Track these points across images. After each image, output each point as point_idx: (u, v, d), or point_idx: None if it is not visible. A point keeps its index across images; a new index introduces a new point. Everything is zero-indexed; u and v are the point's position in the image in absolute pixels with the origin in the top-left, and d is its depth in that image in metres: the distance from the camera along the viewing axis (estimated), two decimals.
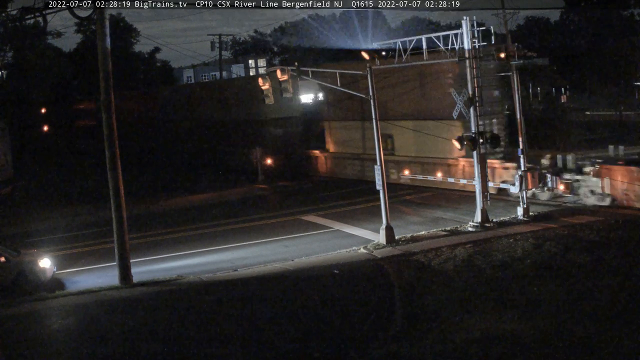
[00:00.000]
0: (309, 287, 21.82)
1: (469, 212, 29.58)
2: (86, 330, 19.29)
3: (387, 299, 20.33)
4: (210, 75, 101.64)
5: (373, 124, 27.11)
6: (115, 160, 23.59)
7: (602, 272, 20.66)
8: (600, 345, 15.51)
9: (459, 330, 17.18)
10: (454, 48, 27.47)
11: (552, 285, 19.90)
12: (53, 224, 35.46)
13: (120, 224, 23.70)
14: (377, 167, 26.99)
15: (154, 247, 29.11)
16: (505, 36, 50.15)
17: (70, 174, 56.70)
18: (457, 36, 27.41)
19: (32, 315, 20.72)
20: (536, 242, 24.57)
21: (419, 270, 22.86)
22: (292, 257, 25.58)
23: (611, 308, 17.73)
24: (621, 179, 28.95)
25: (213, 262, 26.00)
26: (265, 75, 29.13)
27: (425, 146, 38.02)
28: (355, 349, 16.73)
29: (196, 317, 19.67)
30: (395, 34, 76.88)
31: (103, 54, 23.37)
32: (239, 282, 22.87)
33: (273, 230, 30.57)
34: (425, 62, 29.91)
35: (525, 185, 28.90)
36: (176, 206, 39.09)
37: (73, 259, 27.71)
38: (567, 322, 17.04)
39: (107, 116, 23.55)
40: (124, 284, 23.33)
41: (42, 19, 24.12)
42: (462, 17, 27.81)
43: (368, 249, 25.97)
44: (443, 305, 19.16)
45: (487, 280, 21.03)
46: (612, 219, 26.92)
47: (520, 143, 29.56)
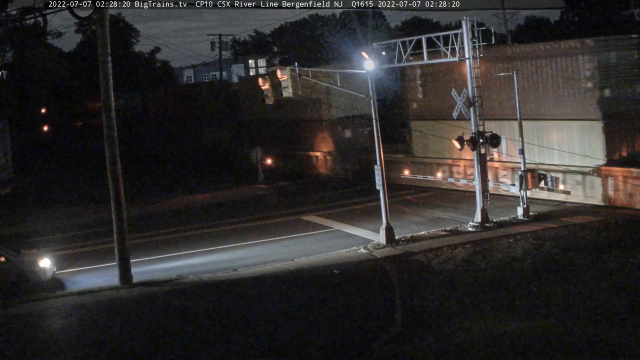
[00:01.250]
0: (309, 287, 21.82)
1: (469, 212, 29.58)
2: (86, 330, 19.29)
3: (387, 299, 20.33)
4: (210, 75, 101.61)
5: (373, 124, 27.13)
6: (115, 160, 23.60)
7: (602, 272, 20.65)
8: (600, 345, 15.51)
9: (459, 330, 17.18)
10: (454, 48, 27.48)
11: (552, 285, 19.89)
12: (53, 224, 35.48)
13: (120, 223, 23.70)
14: (377, 167, 27.00)
15: (154, 247, 29.11)
16: (505, 36, 50.22)
17: (70, 174, 56.71)
18: (457, 36, 27.41)
19: (32, 315, 20.73)
20: (536, 242, 24.57)
21: (419, 270, 22.86)
22: (292, 257, 25.58)
23: (611, 308, 17.72)
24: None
25: (213, 262, 26.00)
26: (265, 75, 29.14)
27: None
28: (355, 349, 16.73)
29: (196, 317, 19.68)
30: (395, 33, 76.97)
31: (103, 54, 23.38)
32: (239, 282, 22.87)
33: (273, 230, 30.57)
34: (425, 63, 29.93)
35: (525, 185, 28.89)
36: (176, 206, 39.08)
37: (73, 259, 27.71)
38: (567, 322, 17.03)
39: (107, 116, 23.56)
40: (124, 284, 23.34)
41: (42, 19, 24.21)
42: (462, 17, 27.83)
43: (368, 249, 25.97)
44: (443, 305, 19.16)
45: (487, 280, 21.03)
46: (612, 219, 26.91)
47: (521, 143, 29.55)
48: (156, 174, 53.93)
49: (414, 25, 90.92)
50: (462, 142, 27.81)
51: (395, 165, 38.86)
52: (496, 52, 32.62)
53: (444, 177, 36.22)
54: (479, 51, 27.56)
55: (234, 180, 47.23)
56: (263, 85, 28.85)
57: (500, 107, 32.75)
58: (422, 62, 29.59)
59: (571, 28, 79.68)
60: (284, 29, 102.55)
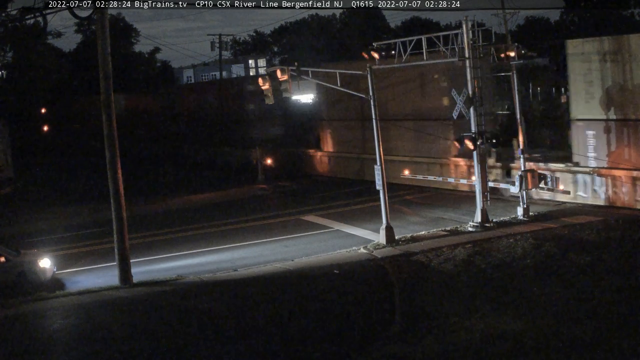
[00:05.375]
0: (309, 287, 21.82)
1: (469, 212, 29.58)
2: (86, 330, 19.27)
3: (387, 299, 20.33)
4: (210, 75, 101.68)
5: (373, 124, 27.15)
6: (115, 160, 23.59)
7: (602, 272, 20.65)
8: (600, 345, 15.51)
9: (459, 330, 17.18)
10: (454, 48, 27.48)
11: (552, 285, 19.89)
12: (53, 224, 35.45)
13: (120, 223, 23.70)
14: (377, 167, 27.01)
15: (154, 247, 29.11)
16: (505, 36, 50.18)
17: (70, 174, 56.69)
18: (457, 36, 27.41)
19: (32, 315, 20.72)
20: (536, 242, 24.56)
21: (419, 270, 22.86)
22: (292, 257, 25.58)
23: (611, 308, 17.72)
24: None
25: (213, 262, 26.00)
26: (265, 75, 29.12)
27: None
28: (355, 349, 16.74)
29: (196, 317, 19.67)
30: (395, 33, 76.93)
31: (103, 54, 23.38)
32: (239, 282, 22.87)
33: (273, 230, 30.57)
34: (425, 63, 29.92)
35: (525, 185, 28.89)
36: (176, 206, 39.08)
37: (73, 259, 27.71)
38: (567, 322, 17.03)
39: (107, 116, 23.56)
40: (124, 284, 23.32)
41: (42, 19, 24.12)
42: (462, 17, 27.84)
43: (368, 249, 25.98)
44: (443, 305, 19.16)
45: (487, 280, 21.03)
46: (612, 219, 26.90)
47: (521, 143, 29.56)
48: (156, 174, 53.87)
49: (413, 25, 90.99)
50: (462, 142, 27.82)
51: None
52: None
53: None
54: (479, 51, 27.58)
55: (234, 180, 47.21)
56: (263, 85, 28.83)
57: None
58: (422, 62, 29.57)
59: (571, 28, 79.77)
60: (284, 28, 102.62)
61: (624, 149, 29.18)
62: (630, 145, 29.03)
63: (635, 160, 28.65)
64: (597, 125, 30.02)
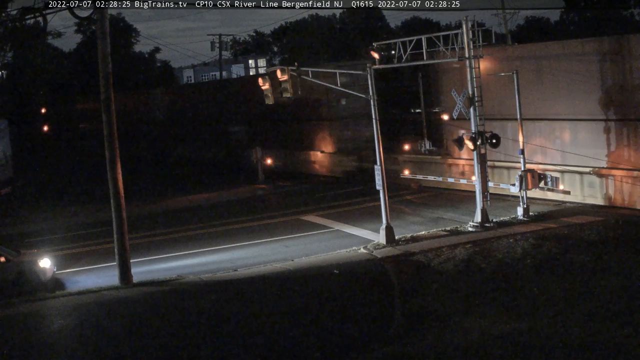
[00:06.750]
0: (309, 287, 21.82)
1: (469, 212, 29.57)
2: (86, 330, 19.28)
3: (387, 298, 20.33)
4: (210, 75, 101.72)
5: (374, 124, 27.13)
6: (115, 160, 23.59)
7: (602, 272, 20.65)
8: (600, 345, 15.51)
9: (459, 330, 17.19)
10: (454, 48, 27.47)
11: (552, 285, 19.90)
12: (53, 224, 35.45)
13: (120, 224, 23.70)
14: (377, 167, 27.00)
15: (154, 247, 29.11)
16: (505, 36, 50.23)
17: (70, 174, 56.67)
18: (457, 36, 27.40)
19: (32, 315, 20.73)
20: (536, 242, 24.55)
21: (419, 270, 22.86)
22: (292, 257, 25.58)
23: (611, 308, 17.72)
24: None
25: (213, 262, 26.00)
26: (265, 75, 29.10)
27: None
28: (355, 349, 16.74)
29: (196, 317, 19.68)
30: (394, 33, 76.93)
31: (103, 54, 23.38)
32: (239, 282, 22.87)
33: (273, 230, 30.57)
34: (425, 62, 29.88)
35: (525, 185, 28.87)
36: (176, 206, 39.06)
37: (73, 259, 27.71)
38: (567, 322, 17.04)
39: (107, 116, 23.56)
40: (124, 284, 23.33)
41: (42, 19, 24.18)
42: (462, 17, 27.83)
43: (368, 249, 25.97)
44: (443, 305, 19.17)
45: (487, 280, 21.03)
46: (612, 219, 26.90)
47: (521, 143, 29.54)
48: (156, 173, 53.87)
49: (413, 25, 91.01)
50: (462, 143, 27.80)
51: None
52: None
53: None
54: (479, 51, 27.57)
55: (234, 180, 47.19)
56: (263, 85, 28.80)
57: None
58: (422, 62, 29.55)
59: (571, 28, 79.79)
60: (284, 28, 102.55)
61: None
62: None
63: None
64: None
